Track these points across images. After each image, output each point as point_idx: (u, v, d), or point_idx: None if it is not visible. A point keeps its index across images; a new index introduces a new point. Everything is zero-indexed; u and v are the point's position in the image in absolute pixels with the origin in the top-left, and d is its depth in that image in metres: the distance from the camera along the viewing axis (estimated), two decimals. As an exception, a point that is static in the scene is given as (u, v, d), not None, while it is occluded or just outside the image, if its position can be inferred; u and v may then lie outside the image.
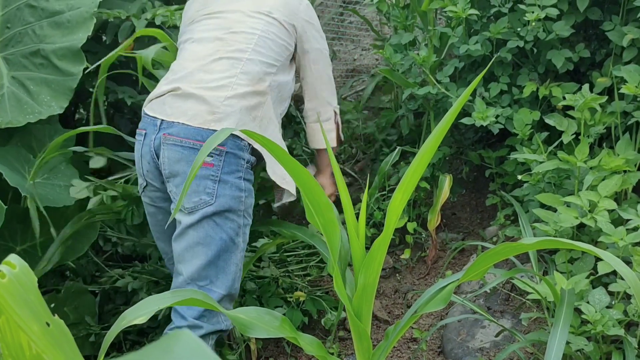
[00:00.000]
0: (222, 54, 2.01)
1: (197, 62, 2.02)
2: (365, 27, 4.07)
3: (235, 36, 2.05)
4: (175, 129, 1.92)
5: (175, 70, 2.06)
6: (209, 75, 1.98)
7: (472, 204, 2.94)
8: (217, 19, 2.11)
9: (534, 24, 2.23)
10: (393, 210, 1.54)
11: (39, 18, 2.43)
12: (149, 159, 1.99)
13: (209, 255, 1.90)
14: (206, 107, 1.93)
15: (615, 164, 2.00)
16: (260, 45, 2.06)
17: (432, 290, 1.71)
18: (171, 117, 1.94)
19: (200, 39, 2.08)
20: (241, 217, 1.96)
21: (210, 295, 1.87)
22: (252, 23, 2.08)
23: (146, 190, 2.07)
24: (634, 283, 1.34)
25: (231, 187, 1.92)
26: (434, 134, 1.50)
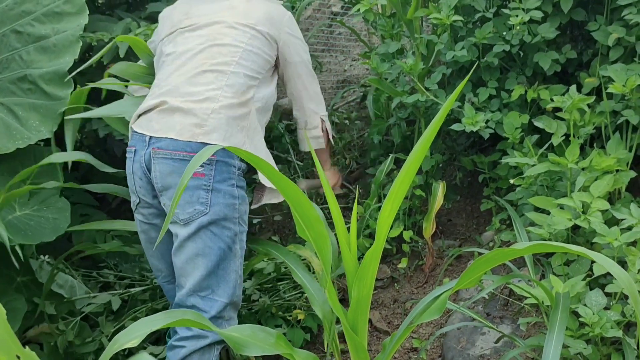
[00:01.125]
0: (206, 67, 2.02)
1: (182, 76, 2.03)
2: (354, 37, 4.07)
3: (220, 49, 2.06)
4: (164, 142, 1.93)
5: (160, 85, 2.06)
6: (194, 88, 1.99)
7: (467, 209, 2.93)
8: (201, 31, 2.11)
9: (519, 27, 2.23)
10: (383, 220, 1.53)
11: (25, 43, 2.43)
12: (141, 175, 2.00)
13: (209, 265, 1.91)
14: (193, 120, 1.94)
15: (607, 163, 1.99)
16: (244, 59, 2.07)
17: (427, 299, 1.70)
18: (159, 132, 1.95)
19: (185, 52, 2.08)
20: (237, 224, 1.98)
21: (213, 304, 1.93)
22: (236, 35, 2.09)
23: (139, 208, 2.07)
24: (628, 284, 1.33)
25: (224, 195, 1.93)
26: (421, 142, 1.50)
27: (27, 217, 2.20)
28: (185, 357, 1.91)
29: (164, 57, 2.13)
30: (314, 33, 4.01)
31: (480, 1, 2.40)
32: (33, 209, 2.24)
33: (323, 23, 4.17)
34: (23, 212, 2.22)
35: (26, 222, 2.17)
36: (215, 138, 1.93)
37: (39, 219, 2.20)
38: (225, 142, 1.94)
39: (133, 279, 2.67)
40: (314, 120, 2.34)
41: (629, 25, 2.13)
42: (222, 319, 1.95)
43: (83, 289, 2.50)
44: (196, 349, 1.90)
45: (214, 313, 1.92)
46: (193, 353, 1.90)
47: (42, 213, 2.23)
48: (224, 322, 1.96)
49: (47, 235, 2.15)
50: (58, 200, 2.29)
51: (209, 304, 1.93)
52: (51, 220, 2.21)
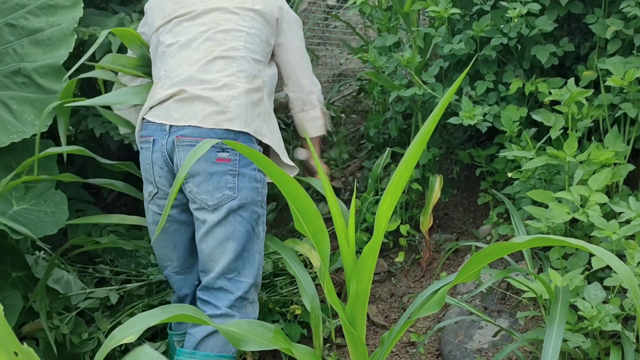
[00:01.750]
0: (216, 54, 2.03)
1: (193, 65, 2.03)
2: (350, 31, 4.06)
3: (226, 35, 2.06)
4: (188, 130, 1.95)
5: (171, 76, 2.04)
6: (209, 75, 2.00)
7: (464, 203, 2.92)
8: (201, 19, 2.10)
9: (517, 20, 2.22)
10: (382, 214, 1.53)
11: (19, 37, 2.41)
12: (162, 164, 2.01)
13: (238, 248, 1.96)
14: (215, 108, 1.96)
15: (605, 157, 1.99)
16: (250, 42, 2.09)
17: (425, 293, 1.70)
18: (180, 121, 1.97)
19: (190, 41, 2.07)
20: (260, 207, 2.03)
21: (239, 285, 1.98)
22: (238, 20, 2.10)
23: (155, 198, 2.07)
24: (628, 277, 1.33)
25: (249, 180, 1.98)
26: (419, 136, 1.49)
27: (27, 212, 2.18)
28: (211, 333, 1.94)
29: (165, 47, 2.11)
30: (310, 26, 3.99)
31: (478, -6, 2.38)
32: (30, 204, 2.23)
33: (319, 17, 4.15)
34: (21, 206, 2.20)
35: (26, 217, 2.16)
36: (237, 124, 1.96)
37: (38, 213, 2.19)
38: (246, 128, 1.98)
39: (129, 275, 2.65)
40: (312, 99, 2.34)
41: (627, 18, 2.12)
42: (246, 300, 1.99)
43: (79, 285, 2.48)
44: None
45: (240, 293, 1.97)
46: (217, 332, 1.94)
47: (40, 207, 2.22)
48: (248, 304, 2.01)
49: (49, 229, 2.15)
50: (55, 193, 2.28)
51: (236, 285, 1.97)
52: (50, 214, 2.20)
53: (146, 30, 2.27)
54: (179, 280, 2.17)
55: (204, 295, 2.01)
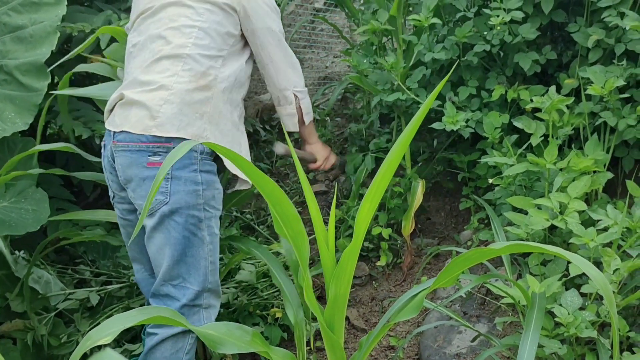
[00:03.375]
0: (163, 54, 1.94)
1: (140, 66, 1.98)
2: (336, 34, 4.07)
3: (175, 32, 1.96)
4: (122, 135, 1.92)
5: (125, 78, 2.04)
6: (149, 76, 1.93)
7: (446, 208, 2.93)
8: (158, 15, 2.02)
9: (500, 27, 2.24)
10: (362, 218, 1.53)
11: (1, 34, 2.38)
12: (110, 169, 2.01)
13: (175, 254, 1.90)
14: (146, 112, 1.89)
15: (584, 164, 2.01)
16: (201, 38, 1.96)
17: (404, 298, 1.70)
18: (119, 127, 1.93)
19: (145, 42, 2.01)
20: (201, 210, 1.93)
21: (185, 292, 1.92)
22: (191, 14, 1.98)
23: (115, 202, 2.07)
24: (603, 285, 1.34)
25: (185, 183, 1.89)
26: (400, 140, 1.49)
27: (7, 209, 2.16)
28: (158, 343, 1.90)
29: (131, 48, 2.07)
30: (296, 29, 4.00)
31: (462, 0, 2.40)
32: (11, 202, 2.20)
33: (306, 19, 4.15)
34: (1, 204, 2.18)
35: (7, 214, 2.13)
36: (168, 129, 1.88)
37: (19, 210, 2.17)
38: (180, 132, 1.89)
39: (110, 276, 2.64)
40: (287, 96, 2.20)
41: (609, 27, 2.15)
42: (198, 307, 1.95)
43: (58, 285, 2.46)
44: (169, 335, 1.89)
45: (186, 301, 1.91)
46: (166, 339, 1.90)
47: (20, 205, 2.20)
48: (202, 310, 1.96)
49: (31, 226, 2.13)
50: (35, 191, 2.26)
51: (182, 291, 1.92)
52: (31, 211, 2.18)
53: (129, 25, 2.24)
54: (148, 284, 2.13)
55: (154, 302, 1.96)
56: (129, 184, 1.92)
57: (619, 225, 1.86)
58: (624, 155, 2.27)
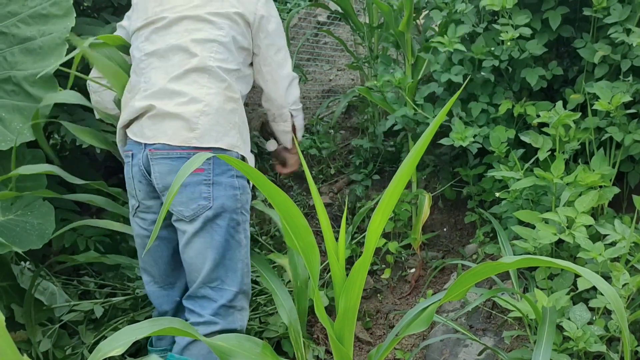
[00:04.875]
0: (189, 67, 1.99)
1: (165, 77, 2.00)
2: (340, 47, 4.09)
3: (197, 45, 2.01)
4: (159, 145, 1.95)
5: (145, 88, 2.03)
6: (179, 87, 1.97)
7: (451, 221, 2.94)
8: (175, 27, 2.05)
9: (509, 43, 2.26)
10: (372, 232, 1.53)
11: (10, 45, 2.39)
12: (140, 178, 2.01)
13: (217, 257, 1.95)
14: (183, 124, 1.93)
15: (591, 179, 2.02)
16: (221, 52, 2.03)
17: (413, 311, 1.70)
18: (152, 139, 1.96)
19: (164, 52, 2.03)
20: (239, 214, 2.00)
21: (223, 293, 1.97)
22: (211, 29, 2.04)
23: (138, 212, 2.07)
24: (614, 298, 1.35)
25: (225, 188, 1.95)
26: (410, 157, 1.50)
27: (12, 223, 2.15)
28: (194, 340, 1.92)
29: (144, 56, 2.07)
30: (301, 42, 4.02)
31: (471, 16, 2.42)
32: (17, 214, 2.19)
33: (310, 32, 4.18)
34: (7, 217, 2.17)
35: (12, 229, 2.12)
36: (207, 140, 1.94)
37: (24, 224, 2.16)
38: (218, 143, 1.96)
39: (114, 288, 2.63)
40: (283, 114, 2.29)
41: (615, 43, 2.17)
42: (233, 308, 1.98)
43: (63, 297, 2.45)
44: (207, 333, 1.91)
45: (224, 302, 1.96)
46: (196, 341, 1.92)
47: (26, 218, 2.19)
48: (236, 311, 1.99)
49: (34, 242, 2.10)
50: (42, 204, 2.25)
51: (220, 293, 1.97)
52: (36, 225, 2.17)
53: (127, 26, 2.24)
54: (160, 296, 2.15)
55: (189, 304, 2.00)
56: (167, 190, 1.91)
57: (627, 240, 1.86)
58: (629, 170, 2.28)
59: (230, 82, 2.02)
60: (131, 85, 2.10)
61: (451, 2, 2.46)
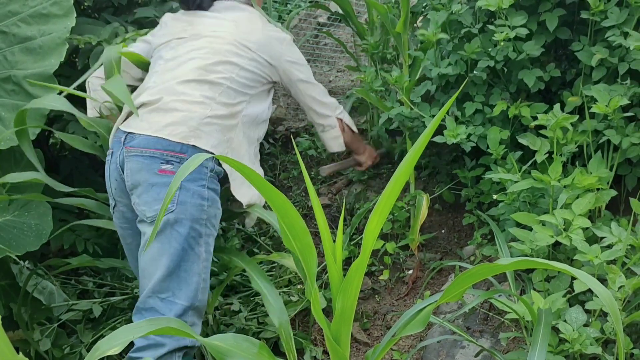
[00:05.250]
0: (204, 77, 2.05)
1: (177, 78, 2.05)
2: (340, 49, 4.09)
3: (218, 66, 2.08)
4: (136, 141, 1.95)
5: (152, 86, 2.06)
6: (188, 89, 2.02)
7: (449, 223, 2.95)
8: (199, 40, 2.13)
9: (503, 43, 2.26)
10: (370, 233, 1.54)
11: (10, 44, 2.40)
12: (116, 176, 2.01)
13: (171, 265, 1.88)
14: (187, 122, 1.96)
15: (588, 182, 2.02)
16: (241, 77, 2.11)
17: (410, 312, 1.71)
18: (140, 129, 1.96)
19: (184, 59, 2.10)
20: (203, 226, 1.95)
21: (172, 307, 1.88)
22: (235, 55, 2.12)
23: (116, 210, 2.07)
24: (609, 301, 1.35)
25: (193, 195, 1.92)
26: (408, 158, 1.50)
27: (9, 224, 2.15)
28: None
29: (162, 61, 2.15)
30: (301, 43, 4.02)
31: (467, 17, 2.43)
32: (14, 215, 2.20)
33: (310, 34, 4.18)
34: (4, 218, 2.18)
35: (9, 230, 2.12)
36: (204, 143, 1.96)
37: (22, 225, 2.16)
38: (212, 149, 1.96)
39: (112, 287, 2.64)
40: (330, 121, 2.45)
41: (612, 46, 2.17)
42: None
43: (62, 296, 2.46)
44: (154, 358, 1.84)
45: (172, 316, 1.84)
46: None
47: (23, 219, 2.19)
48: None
49: (31, 244, 2.11)
50: (39, 204, 2.25)
51: (168, 306, 1.88)
52: (33, 226, 2.17)
53: (151, 41, 2.29)
54: None
55: (136, 318, 1.91)
56: (136, 189, 1.94)
57: (623, 243, 1.87)
58: (627, 173, 2.28)
59: (238, 103, 2.09)
60: (142, 85, 2.16)
61: (447, 3, 2.47)
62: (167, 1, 3.15)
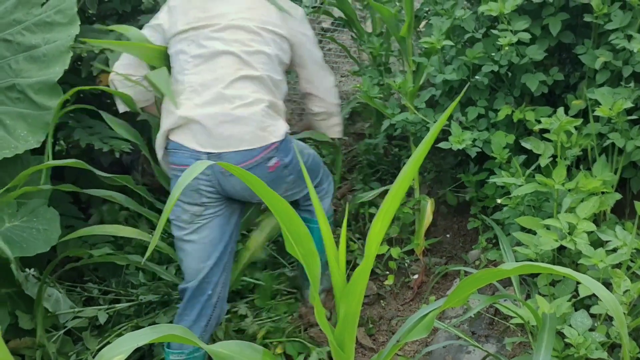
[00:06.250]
0: (242, 73, 2.10)
1: (219, 81, 2.08)
2: (343, 54, 4.09)
3: (251, 56, 2.13)
4: (226, 160, 2.00)
5: (197, 90, 2.10)
6: (236, 92, 2.08)
7: (454, 227, 2.94)
8: (225, 33, 2.14)
9: (507, 48, 2.26)
10: (373, 238, 1.53)
11: (14, 52, 2.42)
12: (197, 189, 2.08)
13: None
14: (256, 125, 2.06)
15: (593, 185, 2.02)
16: (268, 63, 2.17)
17: (414, 317, 1.71)
18: (227, 147, 2.04)
19: (215, 57, 2.12)
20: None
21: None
22: (262, 42, 2.17)
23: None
24: (614, 306, 1.35)
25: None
26: (410, 162, 1.50)
27: (18, 229, 2.17)
28: None
29: (189, 58, 2.15)
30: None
31: (470, 22, 2.43)
32: (22, 220, 2.21)
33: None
34: (12, 223, 2.19)
35: (19, 234, 2.14)
36: (278, 134, 2.11)
37: (30, 230, 2.18)
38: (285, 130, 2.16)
39: (118, 294, 2.64)
40: (335, 108, 2.55)
41: (616, 49, 2.17)
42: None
43: (67, 303, 2.47)
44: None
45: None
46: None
47: (31, 224, 2.20)
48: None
49: (41, 247, 2.14)
50: (47, 210, 2.27)
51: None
52: (42, 231, 2.19)
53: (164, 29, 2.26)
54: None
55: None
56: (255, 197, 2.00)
57: (628, 247, 1.86)
58: (631, 176, 2.28)
59: (275, 91, 2.18)
60: (175, 86, 2.16)
61: (450, 8, 2.47)
62: (171, 8, 3.15)
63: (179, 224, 2.15)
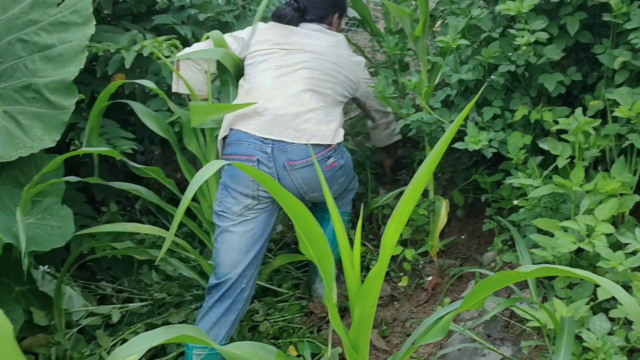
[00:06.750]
0: (316, 88, 2.37)
1: (297, 86, 2.34)
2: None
3: (324, 77, 2.41)
4: (295, 152, 2.24)
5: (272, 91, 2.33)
6: (311, 98, 2.34)
7: (469, 229, 2.91)
8: (308, 54, 2.41)
9: (525, 48, 2.23)
10: (388, 240, 1.52)
11: (30, 52, 2.43)
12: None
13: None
14: (326, 126, 2.32)
15: (611, 187, 1.99)
16: (338, 87, 2.48)
17: (430, 320, 1.69)
18: (300, 139, 2.25)
19: (294, 69, 2.37)
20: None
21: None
22: (335, 71, 2.46)
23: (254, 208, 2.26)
24: (634, 309, 1.32)
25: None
26: (426, 163, 1.49)
27: (33, 226, 2.19)
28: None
29: (267, 64, 2.39)
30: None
31: (487, 22, 2.40)
32: (37, 218, 2.23)
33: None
34: (28, 221, 2.20)
35: (34, 230, 2.16)
36: (338, 137, 2.37)
37: (45, 227, 2.20)
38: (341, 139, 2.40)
39: (131, 293, 2.65)
40: (393, 117, 2.92)
41: (635, 49, 2.13)
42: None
43: (81, 301, 2.48)
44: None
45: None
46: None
47: (46, 222, 2.23)
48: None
49: (57, 242, 2.17)
50: (61, 208, 2.29)
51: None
52: (56, 228, 2.21)
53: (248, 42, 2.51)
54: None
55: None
56: (314, 192, 2.35)
57: (648, 249, 1.83)
58: (651, 177, 2.24)
59: (339, 109, 2.48)
60: (250, 86, 2.38)
61: (467, 8, 2.45)
62: (185, 8, 3.16)
63: (227, 215, 2.25)
